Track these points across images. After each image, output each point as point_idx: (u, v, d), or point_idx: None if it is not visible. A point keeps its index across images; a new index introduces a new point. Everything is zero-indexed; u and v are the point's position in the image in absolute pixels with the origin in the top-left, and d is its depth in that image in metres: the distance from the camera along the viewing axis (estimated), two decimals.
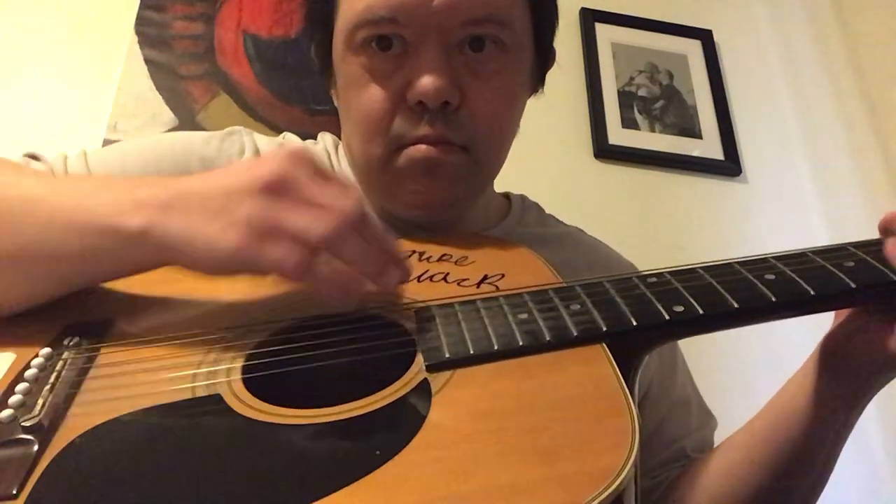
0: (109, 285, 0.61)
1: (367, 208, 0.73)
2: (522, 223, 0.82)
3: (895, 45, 1.83)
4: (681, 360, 0.84)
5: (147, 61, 1.57)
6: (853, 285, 0.53)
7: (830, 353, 0.63)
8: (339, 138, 0.82)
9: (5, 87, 1.48)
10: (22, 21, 1.55)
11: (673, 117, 1.78)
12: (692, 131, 1.78)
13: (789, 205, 1.75)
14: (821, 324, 0.66)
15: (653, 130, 1.75)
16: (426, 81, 0.63)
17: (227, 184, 0.51)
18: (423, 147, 0.66)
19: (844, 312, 0.62)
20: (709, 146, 1.76)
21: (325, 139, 0.83)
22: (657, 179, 1.71)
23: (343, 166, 0.79)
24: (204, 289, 0.64)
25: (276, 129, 1.54)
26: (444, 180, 0.68)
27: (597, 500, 0.39)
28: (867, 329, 0.59)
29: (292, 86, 1.61)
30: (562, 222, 0.87)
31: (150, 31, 1.60)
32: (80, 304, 0.59)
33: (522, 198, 0.87)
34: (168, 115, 1.53)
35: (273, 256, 0.49)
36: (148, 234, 0.51)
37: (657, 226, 1.65)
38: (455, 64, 0.65)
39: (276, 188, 0.50)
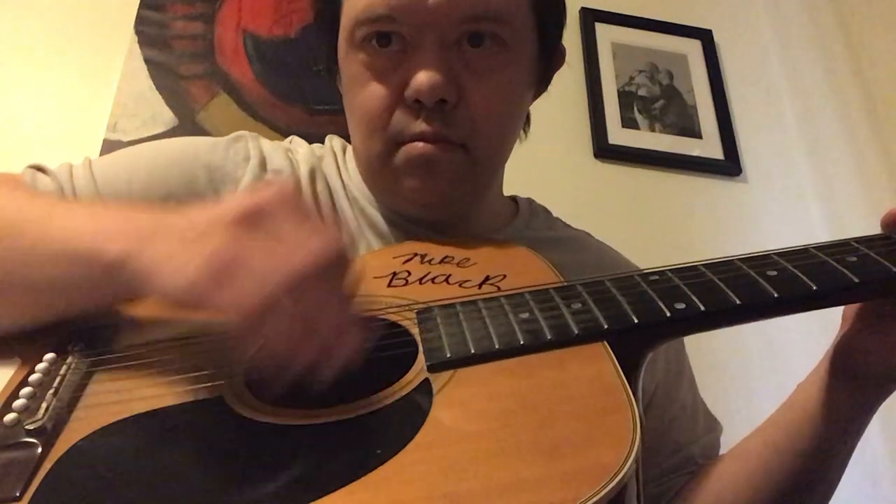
0: None
1: (348, 221, 0.73)
2: (530, 226, 0.82)
3: (895, 45, 1.83)
4: (687, 367, 0.84)
5: (147, 61, 1.56)
6: (856, 280, 0.53)
7: (842, 359, 0.63)
8: (345, 139, 0.82)
9: (5, 87, 1.48)
10: (22, 21, 1.55)
11: (673, 117, 1.78)
12: (692, 131, 1.78)
13: (789, 205, 1.75)
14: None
15: (653, 130, 1.75)
16: (422, 78, 0.64)
17: (203, 216, 0.48)
18: (420, 144, 0.66)
19: (853, 316, 0.62)
20: (709, 146, 1.76)
21: (333, 142, 0.83)
22: (657, 179, 1.71)
23: (350, 169, 0.79)
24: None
25: (277, 129, 1.54)
26: (442, 178, 0.68)
27: (598, 496, 0.39)
28: (878, 332, 0.59)
29: (292, 85, 1.60)
30: (569, 226, 0.87)
31: (149, 31, 1.59)
32: None
33: (530, 201, 0.87)
34: (168, 115, 1.52)
35: (224, 300, 0.45)
36: (123, 263, 0.49)
37: (657, 226, 1.65)
38: (453, 61, 0.65)
39: (251, 221, 0.47)
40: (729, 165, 1.74)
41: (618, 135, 1.72)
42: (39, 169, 0.70)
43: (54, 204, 0.62)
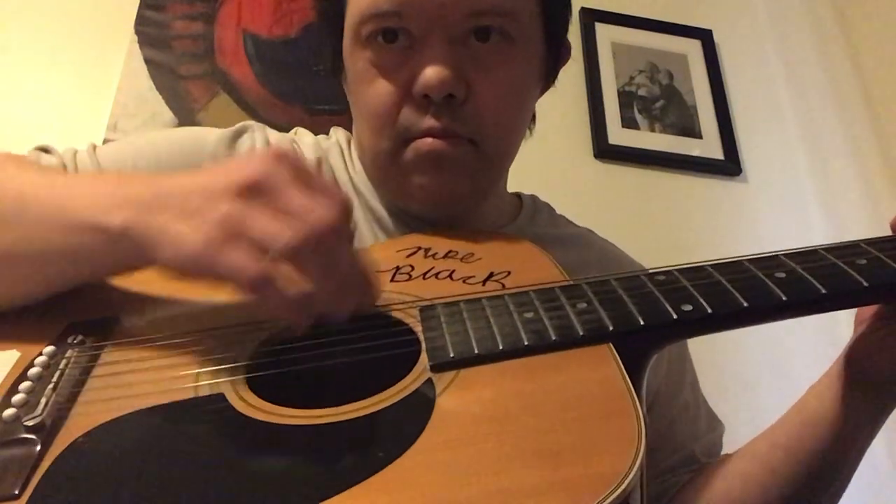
0: (114, 283, 0.60)
1: (355, 214, 0.73)
2: (534, 223, 0.82)
3: (895, 45, 1.83)
4: (689, 365, 0.83)
5: (147, 61, 1.56)
6: (865, 284, 0.52)
7: (854, 364, 0.63)
8: (350, 132, 0.82)
9: (5, 87, 1.48)
10: (22, 21, 1.55)
11: (673, 117, 1.78)
12: (692, 131, 1.78)
13: (789, 205, 1.75)
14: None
15: (653, 130, 1.75)
16: (430, 73, 0.63)
17: (207, 183, 0.50)
18: (429, 140, 0.65)
19: (867, 319, 0.61)
20: (709, 146, 1.76)
21: (338, 134, 0.83)
22: (657, 179, 1.71)
23: (356, 162, 0.78)
24: (209, 286, 0.63)
25: (277, 129, 1.53)
26: (452, 173, 0.67)
27: None
28: (892, 336, 0.59)
29: (292, 86, 1.60)
30: (572, 223, 0.87)
31: (150, 31, 1.59)
32: (84, 302, 0.59)
33: (534, 198, 0.87)
34: (168, 115, 1.52)
35: (230, 264, 0.47)
36: (128, 232, 0.50)
37: (657, 226, 1.64)
38: (460, 56, 0.65)
39: (253, 191, 0.48)
40: (729, 165, 1.74)
41: (618, 135, 1.72)
42: (45, 150, 0.72)
43: (56, 176, 0.64)
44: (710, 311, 0.51)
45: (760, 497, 0.67)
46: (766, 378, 1.49)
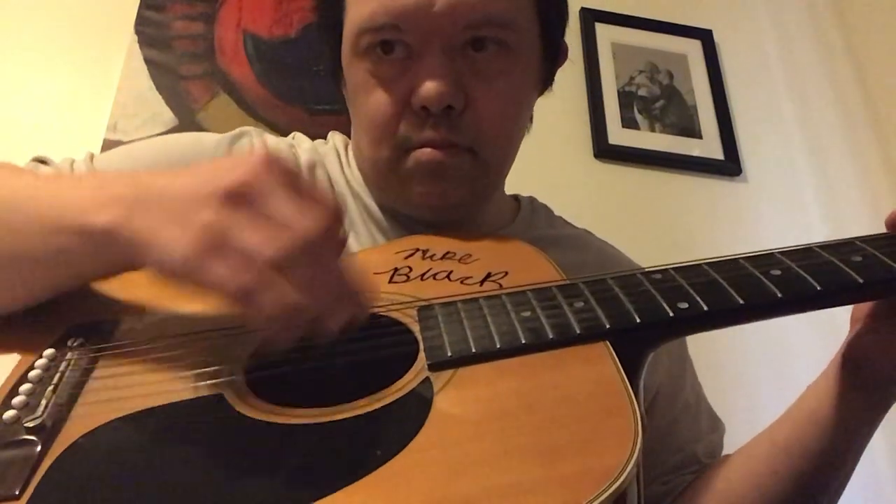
0: (113, 286, 0.60)
1: (351, 215, 0.73)
2: (532, 225, 0.82)
3: (895, 45, 1.83)
4: (689, 365, 0.84)
5: (147, 61, 1.56)
6: (860, 280, 0.52)
7: (852, 362, 0.63)
8: (348, 137, 0.82)
9: (5, 87, 1.48)
10: (22, 21, 1.55)
11: (673, 117, 1.78)
12: (692, 131, 1.78)
13: (789, 205, 1.75)
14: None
15: (653, 130, 1.75)
16: (428, 87, 0.64)
17: (193, 186, 0.47)
18: (428, 150, 0.66)
19: (864, 317, 0.62)
20: (709, 146, 1.76)
21: (335, 139, 0.83)
22: (657, 179, 1.71)
23: (353, 165, 0.79)
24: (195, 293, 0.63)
25: (276, 129, 1.54)
26: (451, 182, 0.68)
27: (598, 500, 0.38)
28: (889, 334, 0.59)
29: (292, 86, 1.60)
30: (570, 224, 0.87)
31: (150, 31, 1.60)
32: (84, 305, 0.59)
33: (532, 200, 0.87)
34: (168, 115, 1.52)
35: (214, 275, 0.45)
36: (112, 233, 0.49)
37: (657, 226, 1.65)
38: (458, 67, 0.66)
39: (240, 196, 0.46)
40: (729, 165, 1.74)
41: (618, 135, 1.72)
42: (42, 161, 0.71)
43: (40, 181, 0.61)
44: (706, 308, 0.52)
45: (761, 497, 0.68)
46: (766, 378, 1.49)
